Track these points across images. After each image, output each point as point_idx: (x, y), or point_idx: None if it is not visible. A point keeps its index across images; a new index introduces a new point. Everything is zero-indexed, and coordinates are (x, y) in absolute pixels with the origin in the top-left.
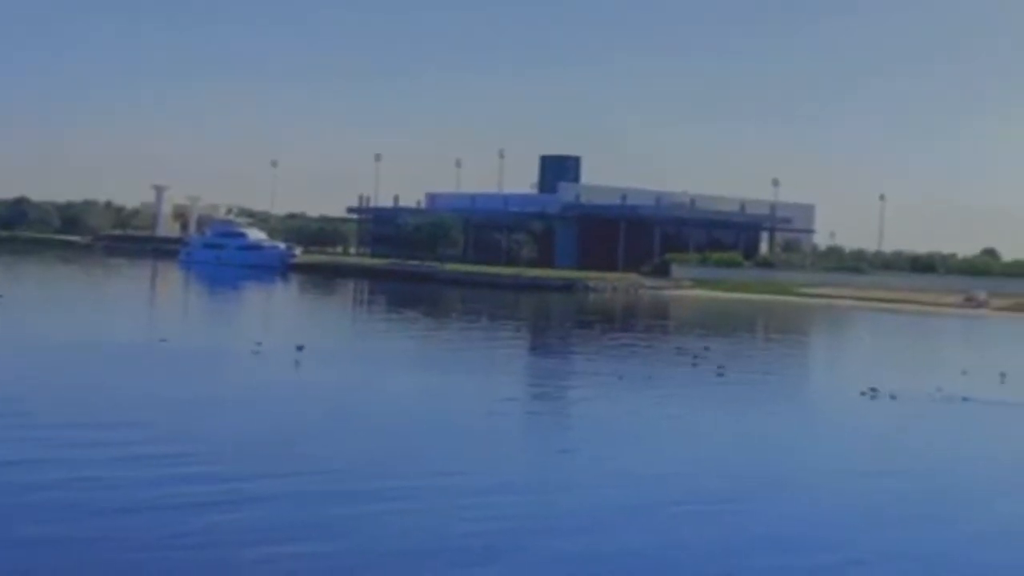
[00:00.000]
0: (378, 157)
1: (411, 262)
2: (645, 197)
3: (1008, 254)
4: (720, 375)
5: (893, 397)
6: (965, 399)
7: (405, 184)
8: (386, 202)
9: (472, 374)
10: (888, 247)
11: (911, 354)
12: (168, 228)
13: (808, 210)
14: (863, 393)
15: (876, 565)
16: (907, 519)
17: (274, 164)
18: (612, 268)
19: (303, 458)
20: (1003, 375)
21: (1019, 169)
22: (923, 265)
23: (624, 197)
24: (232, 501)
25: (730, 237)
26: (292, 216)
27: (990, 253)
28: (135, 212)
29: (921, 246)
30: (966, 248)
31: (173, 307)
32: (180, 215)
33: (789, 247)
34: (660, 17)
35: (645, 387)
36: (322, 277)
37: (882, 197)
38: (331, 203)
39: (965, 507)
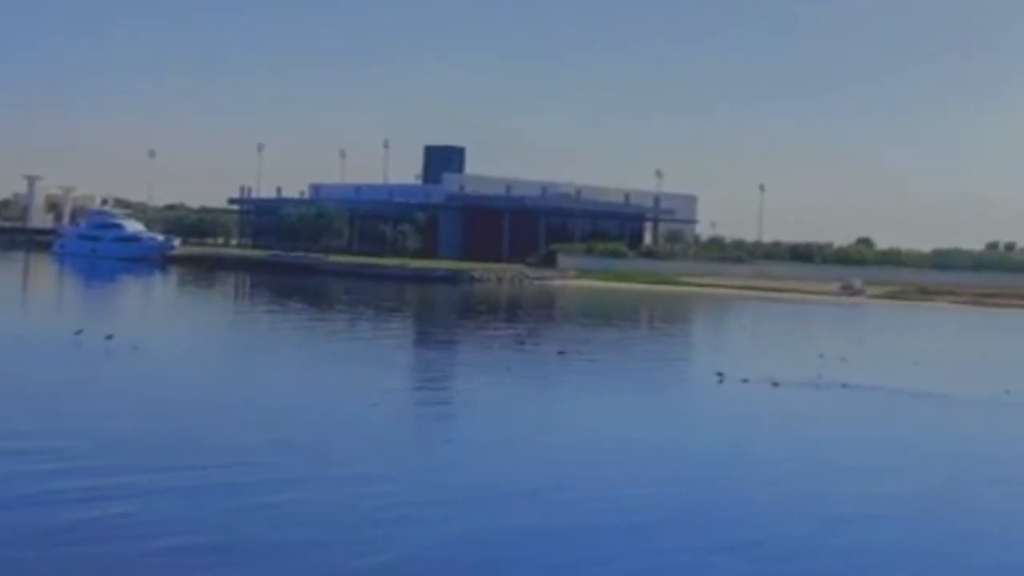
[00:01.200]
0: (260, 147)
1: (294, 253)
2: (530, 188)
3: (882, 243)
4: (562, 356)
5: (776, 384)
6: (844, 385)
7: (288, 175)
8: (269, 193)
9: (352, 365)
10: (767, 237)
11: (791, 341)
12: (41, 219)
13: (691, 201)
14: (719, 375)
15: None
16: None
17: (151, 154)
18: (497, 259)
19: (163, 453)
20: (880, 361)
21: (896, 162)
22: (801, 254)
23: (509, 188)
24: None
25: (615, 227)
26: (171, 207)
27: (865, 242)
28: (5, 203)
29: (799, 236)
30: (842, 237)
31: (32, 299)
32: (53, 206)
33: (673, 237)
34: (544, 8)
35: (526, 377)
36: (202, 269)
37: (762, 188)
38: (211, 194)
39: (846, 484)
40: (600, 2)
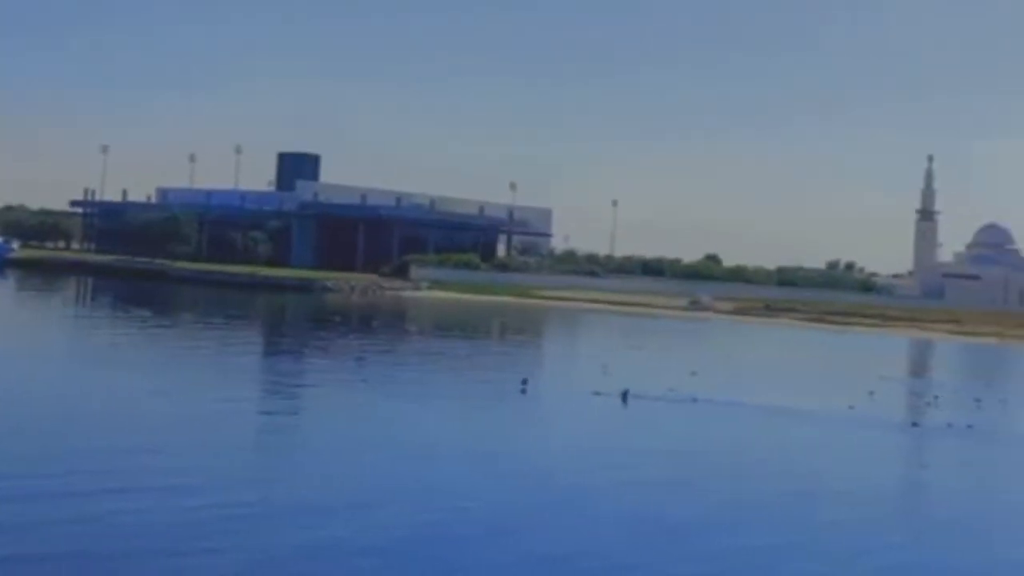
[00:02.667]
0: (105, 149)
1: (140, 259)
2: (385, 197)
3: (728, 260)
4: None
5: (631, 397)
6: (695, 399)
7: (135, 178)
8: (114, 196)
9: (195, 374)
10: (620, 252)
11: (643, 355)
12: None
13: (545, 214)
14: (596, 393)
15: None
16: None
17: None
18: (351, 268)
19: None
20: (729, 375)
21: (737, 182)
22: (652, 269)
23: (364, 197)
24: None
25: (469, 239)
26: (9, 208)
27: (712, 259)
28: None
29: (650, 251)
30: (690, 254)
31: None
32: None
33: (526, 250)
34: (400, 16)
35: (373, 387)
36: (43, 274)
37: (615, 203)
38: (53, 196)
39: (667, 496)
40: (452, 10)
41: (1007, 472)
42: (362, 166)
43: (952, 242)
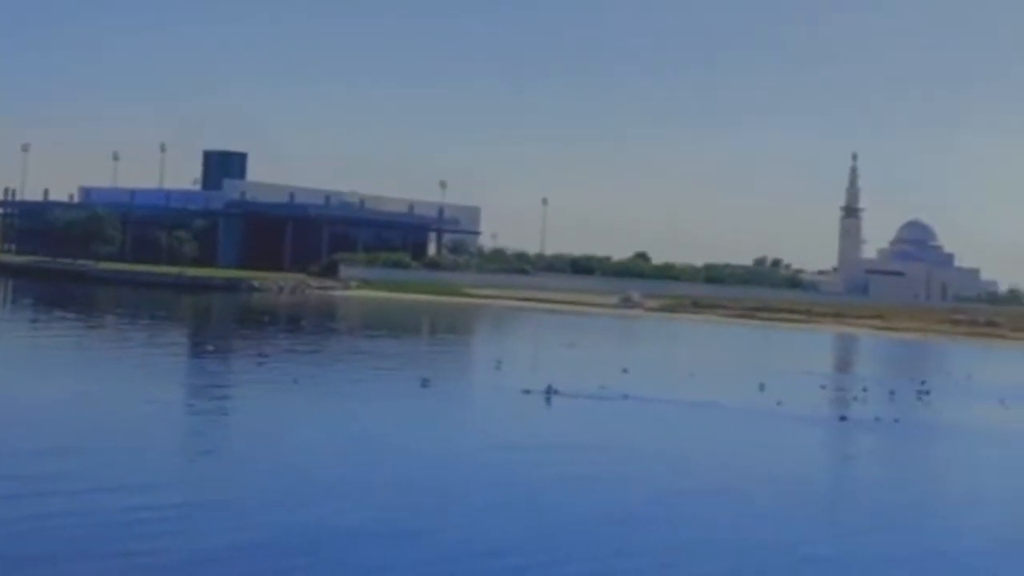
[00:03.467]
0: (25, 148)
1: (62, 260)
2: (314, 196)
3: (657, 258)
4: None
5: (556, 393)
6: (626, 396)
7: (57, 177)
8: (35, 196)
9: (119, 377)
10: (550, 250)
11: (573, 353)
12: None
13: (474, 212)
14: (527, 392)
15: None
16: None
17: None
18: (279, 268)
19: None
20: (659, 372)
21: (672, 180)
22: (582, 267)
23: (292, 195)
24: None
25: (398, 238)
26: None
27: (642, 257)
28: None
29: (580, 249)
30: (620, 252)
31: None
32: None
33: (456, 248)
34: (324, 14)
35: (303, 389)
36: None
37: (544, 201)
38: None
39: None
40: (378, 11)
41: (933, 465)
42: (290, 165)
43: (876, 239)
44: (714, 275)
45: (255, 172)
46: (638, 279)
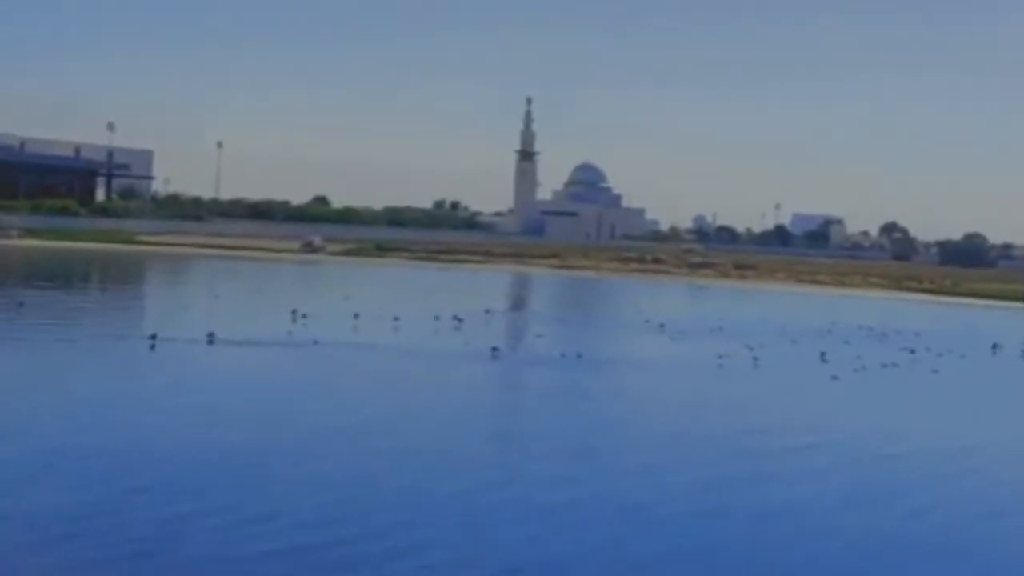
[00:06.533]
0: None
1: None
2: None
3: (337, 201)
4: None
5: (237, 344)
6: (316, 342)
7: None
8: None
9: None
10: (225, 195)
11: (256, 300)
12: None
13: (146, 156)
14: (153, 337)
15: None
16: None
17: None
18: None
19: None
20: (355, 317)
21: (342, 122)
22: (261, 212)
23: None
24: None
25: (64, 183)
26: None
27: (322, 200)
28: None
29: (257, 194)
30: (299, 196)
31: None
32: None
33: (127, 194)
34: None
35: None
36: None
37: (220, 145)
38: None
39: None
40: None
41: (620, 397)
42: None
43: (551, 181)
44: (395, 218)
45: None
46: (319, 223)
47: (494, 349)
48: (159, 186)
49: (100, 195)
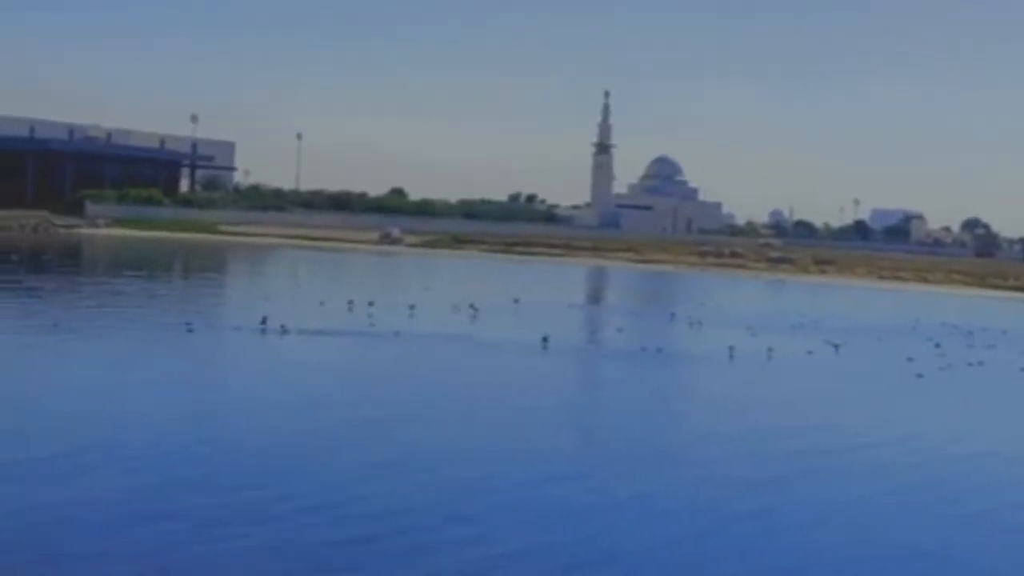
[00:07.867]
0: None
1: None
2: (56, 130)
3: (414, 194)
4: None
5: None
6: (397, 333)
7: None
8: None
9: None
10: (305, 186)
11: (340, 290)
12: None
13: (228, 147)
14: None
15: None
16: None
17: None
18: (21, 205)
19: None
20: (429, 309)
21: (422, 116)
22: (339, 204)
23: (33, 129)
24: None
25: (149, 174)
26: None
27: (399, 192)
28: None
29: (335, 185)
30: (376, 188)
31: None
32: None
33: (210, 185)
34: None
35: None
36: None
37: (299, 136)
38: None
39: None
40: None
41: (695, 389)
42: (32, 98)
43: (626, 175)
44: (470, 211)
45: None
46: (396, 215)
47: (579, 343)
48: (240, 177)
49: (184, 186)
